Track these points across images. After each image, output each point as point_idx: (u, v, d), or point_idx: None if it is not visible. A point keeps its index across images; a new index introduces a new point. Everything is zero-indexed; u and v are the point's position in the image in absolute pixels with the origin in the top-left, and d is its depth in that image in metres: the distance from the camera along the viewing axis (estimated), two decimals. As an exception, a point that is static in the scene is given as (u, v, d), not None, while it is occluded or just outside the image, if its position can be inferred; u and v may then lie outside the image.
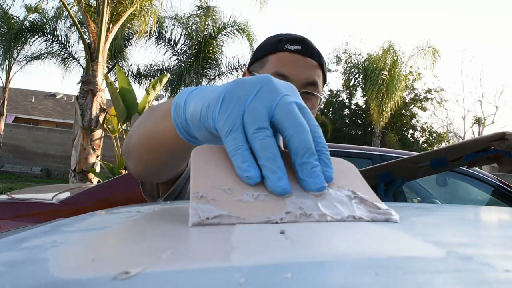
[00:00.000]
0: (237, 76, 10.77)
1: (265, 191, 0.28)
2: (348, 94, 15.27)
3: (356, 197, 0.29)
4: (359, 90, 14.54)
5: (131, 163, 0.51)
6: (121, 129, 6.04)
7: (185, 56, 10.87)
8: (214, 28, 10.43)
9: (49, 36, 9.23)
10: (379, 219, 0.28)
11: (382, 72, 11.31)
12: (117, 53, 9.94)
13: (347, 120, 15.30)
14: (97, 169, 6.26)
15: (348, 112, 15.40)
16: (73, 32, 9.55)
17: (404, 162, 0.91)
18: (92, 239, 0.24)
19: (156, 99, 8.08)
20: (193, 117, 0.34)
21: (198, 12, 10.53)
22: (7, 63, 11.13)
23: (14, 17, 10.49)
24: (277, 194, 0.27)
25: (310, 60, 0.75)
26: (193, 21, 10.59)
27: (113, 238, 0.24)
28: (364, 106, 14.77)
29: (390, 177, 0.94)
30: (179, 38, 10.61)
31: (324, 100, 0.82)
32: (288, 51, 0.74)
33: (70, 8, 6.88)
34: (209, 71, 11.10)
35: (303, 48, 0.74)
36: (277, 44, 0.75)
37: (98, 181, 5.62)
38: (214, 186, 0.27)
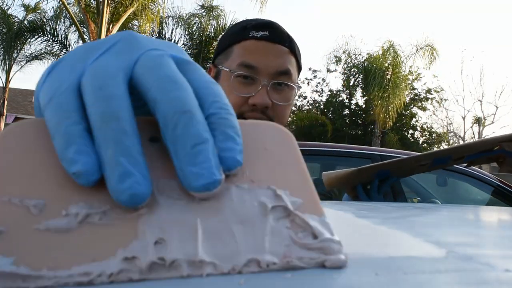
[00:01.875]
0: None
1: (105, 202, 0.15)
2: (348, 94, 15.28)
3: (277, 206, 0.16)
4: (359, 90, 14.54)
5: None
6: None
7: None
8: (218, 27, 10.43)
9: (49, 36, 9.25)
10: (304, 265, 0.15)
11: (387, 72, 11.31)
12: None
13: (347, 120, 15.30)
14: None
15: (348, 112, 15.40)
16: (73, 31, 9.55)
17: (409, 161, 0.88)
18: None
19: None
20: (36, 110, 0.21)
21: (201, 11, 10.53)
22: (7, 63, 11.14)
23: (14, 17, 10.50)
24: (123, 205, 0.15)
25: (280, 46, 0.66)
26: (194, 21, 10.60)
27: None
28: (364, 106, 14.77)
29: (386, 174, 0.92)
30: (180, 38, 10.62)
31: (298, 91, 0.70)
32: (254, 38, 0.66)
33: (70, 8, 6.89)
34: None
35: (271, 33, 0.66)
36: (242, 32, 0.67)
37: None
38: (9, 202, 0.15)
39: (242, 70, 0.65)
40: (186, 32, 10.55)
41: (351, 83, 14.45)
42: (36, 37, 9.39)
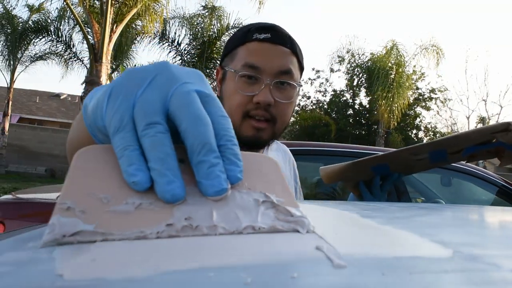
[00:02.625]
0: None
1: (152, 198, 0.23)
2: (351, 94, 15.24)
3: (266, 201, 0.25)
4: (363, 90, 14.49)
5: None
6: (124, 129, 6.07)
7: (188, 56, 10.89)
8: (222, 28, 10.44)
9: (53, 36, 9.29)
10: (284, 229, 0.23)
11: (391, 72, 11.26)
12: (121, 53, 9.97)
13: (350, 120, 15.25)
14: (101, 169, 6.28)
15: (352, 112, 15.36)
16: (77, 32, 9.60)
17: (403, 152, 0.87)
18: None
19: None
20: (89, 116, 0.30)
21: (204, 12, 10.54)
22: (12, 63, 11.20)
23: (18, 18, 10.56)
24: (166, 201, 0.23)
25: (282, 47, 0.70)
26: (197, 21, 10.60)
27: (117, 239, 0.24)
28: (367, 106, 14.72)
29: (386, 170, 0.91)
30: (183, 38, 10.65)
31: (301, 90, 0.85)
32: (257, 40, 0.70)
33: (74, 9, 6.92)
34: (213, 71, 11.11)
35: (273, 35, 0.70)
36: (245, 35, 0.71)
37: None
38: (89, 194, 0.23)
39: (246, 70, 0.69)
40: (190, 33, 10.57)
41: (355, 83, 14.40)
42: (40, 37, 9.44)
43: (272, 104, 0.68)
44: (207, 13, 10.55)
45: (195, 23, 10.51)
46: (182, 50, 10.84)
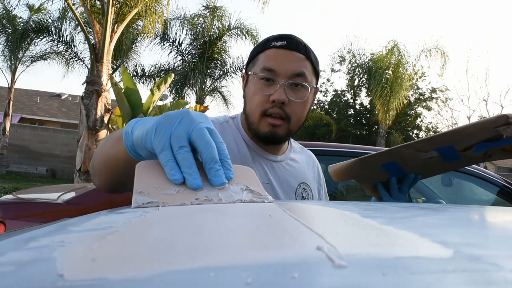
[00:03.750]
0: (240, 77, 10.77)
1: (184, 188, 0.41)
2: (352, 94, 15.22)
3: (247, 189, 0.44)
4: (364, 90, 14.48)
5: (96, 180, 0.63)
6: (125, 129, 6.07)
7: (189, 56, 10.89)
8: (223, 28, 10.44)
9: (54, 36, 9.29)
10: (257, 201, 0.43)
11: (387, 71, 11.25)
12: (122, 53, 9.98)
13: (351, 120, 15.23)
14: (102, 169, 6.28)
15: (353, 112, 15.34)
16: (78, 32, 9.61)
17: (405, 148, 0.86)
18: (97, 239, 0.24)
19: (161, 99, 8.10)
20: (137, 140, 0.47)
21: (205, 12, 10.53)
22: (13, 63, 11.22)
23: (19, 18, 10.56)
24: (192, 189, 0.41)
25: (296, 53, 0.79)
26: (198, 21, 10.61)
27: (118, 239, 0.24)
28: (368, 106, 14.70)
29: (401, 171, 0.89)
30: (184, 39, 10.65)
31: (316, 91, 0.87)
32: (274, 47, 0.80)
33: (76, 9, 6.93)
34: (214, 71, 11.11)
35: (288, 43, 0.80)
36: (265, 43, 0.82)
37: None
38: (150, 186, 0.40)
39: (264, 73, 0.79)
40: (191, 33, 10.57)
41: (356, 83, 14.39)
42: (41, 37, 9.44)
43: (286, 102, 0.77)
44: (208, 14, 10.54)
45: (196, 24, 10.51)
46: (183, 50, 10.85)
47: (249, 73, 0.83)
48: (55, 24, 9.33)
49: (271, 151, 0.86)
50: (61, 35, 9.32)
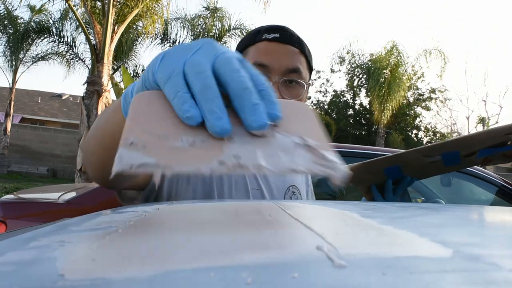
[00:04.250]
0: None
1: (203, 136, 0.26)
2: (352, 94, 15.21)
3: (304, 144, 0.27)
4: (363, 90, 14.47)
5: (91, 168, 0.50)
6: (126, 130, 6.07)
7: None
8: (223, 29, 10.43)
9: (55, 37, 9.30)
10: (321, 173, 0.26)
11: (384, 71, 11.25)
12: (122, 54, 9.98)
13: (351, 120, 15.23)
14: (102, 169, 6.29)
15: (352, 112, 15.33)
16: (79, 33, 9.61)
17: (413, 153, 0.84)
18: (98, 239, 0.24)
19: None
20: (137, 90, 0.34)
21: (206, 13, 10.52)
22: (14, 64, 11.22)
23: (20, 18, 10.56)
24: (216, 135, 0.26)
25: (290, 47, 0.72)
26: (199, 22, 10.60)
27: (119, 239, 0.24)
28: (368, 106, 14.70)
29: (399, 173, 0.89)
30: (184, 39, 10.63)
31: (308, 88, 0.77)
32: (266, 40, 0.72)
33: (76, 10, 6.93)
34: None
35: (282, 35, 0.72)
36: (255, 35, 0.74)
37: (103, 181, 5.63)
38: (148, 132, 0.26)
39: (256, 68, 0.70)
40: (191, 33, 10.56)
41: (355, 83, 14.39)
42: (42, 38, 9.45)
43: None
44: (209, 15, 10.53)
45: (197, 24, 10.50)
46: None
47: None
48: (56, 25, 9.33)
49: None
50: (62, 36, 9.33)
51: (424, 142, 15.33)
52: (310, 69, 0.77)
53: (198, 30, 10.58)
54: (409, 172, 0.90)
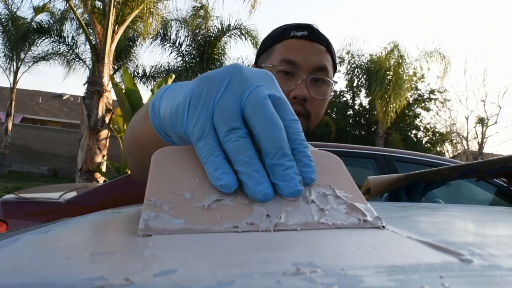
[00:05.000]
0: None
1: (231, 197, 0.25)
2: (351, 94, 15.19)
3: (336, 196, 0.26)
4: (363, 90, 14.45)
5: (131, 167, 0.50)
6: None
7: (191, 57, 10.89)
8: (222, 29, 10.41)
9: (56, 37, 9.30)
10: (355, 226, 0.24)
11: (388, 72, 11.23)
12: (123, 54, 9.98)
13: (350, 120, 15.21)
14: (103, 168, 6.30)
15: (352, 112, 15.31)
16: (80, 33, 9.61)
17: (449, 170, 0.86)
18: (98, 239, 0.24)
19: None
20: (164, 118, 0.32)
21: (200, 12, 10.49)
22: (15, 64, 11.22)
23: (21, 18, 10.56)
24: (259, 201, 0.24)
25: (318, 45, 0.73)
26: (196, 22, 10.58)
27: (119, 239, 0.24)
28: (367, 107, 14.67)
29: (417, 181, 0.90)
30: (184, 40, 10.63)
31: (334, 85, 0.78)
32: (294, 37, 0.72)
33: (77, 10, 6.94)
34: (214, 72, 11.07)
35: (310, 33, 0.72)
36: (283, 33, 0.74)
37: (104, 181, 5.65)
38: (173, 192, 0.24)
39: (284, 65, 0.71)
40: (189, 33, 10.54)
41: (355, 84, 14.37)
42: (43, 38, 9.45)
43: (307, 99, 0.71)
44: (194, 12, 10.44)
45: (192, 24, 10.45)
46: (183, 51, 10.84)
47: (264, 65, 0.74)
48: (57, 26, 9.33)
49: None
50: (62, 36, 9.33)
51: (424, 142, 15.31)
52: (335, 68, 0.78)
53: (196, 31, 10.55)
54: (427, 181, 0.91)
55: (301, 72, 0.71)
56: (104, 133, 6.32)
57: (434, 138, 15.52)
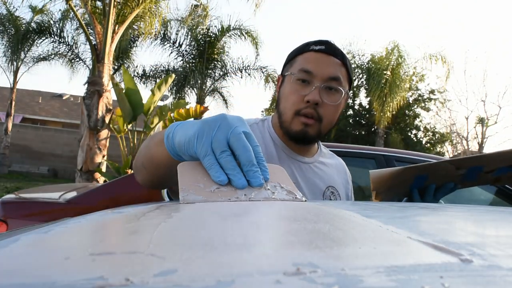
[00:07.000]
0: (241, 77, 10.87)
1: (224, 187, 0.45)
2: (351, 94, 15.15)
3: (280, 187, 0.48)
4: (363, 90, 14.45)
5: (139, 177, 0.67)
6: (126, 129, 6.07)
7: (191, 57, 10.89)
8: (222, 29, 10.42)
9: (56, 37, 9.30)
10: (289, 200, 0.47)
11: (385, 72, 11.23)
12: (123, 54, 9.98)
13: (350, 120, 15.21)
14: (103, 168, 6.30)
15: (352, 113, 15.32)
16: (80, 33, 9.61)
17: (446, 164, 0.87)
18: (98, 239, 0.24)
19: (162, 99, 8.10)
20: (179, 146, 0.50)
21: (199, 12, 10.49)
22: (15, 64, 11.22)
23: (21, 19, 10.56)
24: (238, 188, 0.45)
25: (333, 58, 0.83)
26: (193, 22, 10.57)
27: (119, 239, 0.24)
28: (367, 107, 14.68)
29: (422, 183, 0.90)
30: (184, 40, 10.63)
31: (348, 97, 0.90)
32: (313, 51, 0.84)
33: (77, 10, 6.94)
34: (214, 72, 11.10)
35: (327, 47, 0.84)
36: (305, 47, 0.86)
37: (104, 181, 5.65)
38: (193, 184, 0.44)
39: (301, 74, 0.83)
40: (189, 33, 10.54)
41: (355, 84, 14.37)
42: (43, 38, 9.45)
43: (319, 103, 0.81)
44: (202, 14, 10.45)
45: (187, 20, 10.41)
46: (183, 51, 10.84)
47: (286, 74, 0.87)
48: (57, 25, 9.33)
49: (300, 152, 0.89)
50: (62, 36, 9.33)
51: (424, 142, 15.31)
52: (350, 80, 0.88)
53: (196, 31, 10.54)
54: (431, 181, 0.91)
55: (316, 81, 0.81)
56: (104, 133, 6.32)
57: (434, 138, 15.53)
